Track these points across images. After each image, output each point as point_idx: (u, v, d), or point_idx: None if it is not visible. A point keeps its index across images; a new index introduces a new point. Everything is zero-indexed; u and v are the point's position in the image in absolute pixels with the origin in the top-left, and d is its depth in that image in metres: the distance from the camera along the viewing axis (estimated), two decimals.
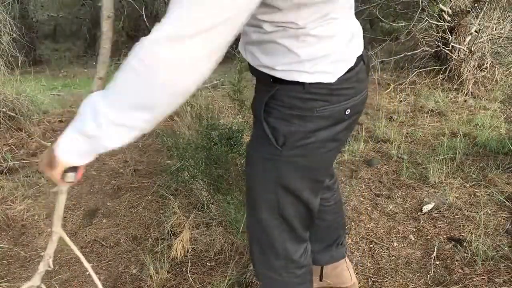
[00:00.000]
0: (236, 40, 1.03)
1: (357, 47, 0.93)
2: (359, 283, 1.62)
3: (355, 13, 0.99)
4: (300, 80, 0.86)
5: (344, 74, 0.88)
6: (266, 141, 0.93)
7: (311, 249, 1.37)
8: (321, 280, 1.49)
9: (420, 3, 4.42)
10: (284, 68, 0.86)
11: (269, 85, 0.91)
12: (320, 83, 0.86)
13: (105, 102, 0.69)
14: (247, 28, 0.88)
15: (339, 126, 0.92)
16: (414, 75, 4.39)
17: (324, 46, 0.85)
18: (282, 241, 1.06)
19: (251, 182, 1.04)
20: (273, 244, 1.06)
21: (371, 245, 1.85)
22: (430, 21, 4.44)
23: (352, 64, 0.90)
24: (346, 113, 0.91)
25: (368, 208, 2.15)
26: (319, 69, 0.85)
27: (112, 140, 0.72)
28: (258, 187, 1.01)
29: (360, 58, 0.93)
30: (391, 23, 5.51)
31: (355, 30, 0.95)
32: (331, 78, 0.87)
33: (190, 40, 0.62)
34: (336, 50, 0.87)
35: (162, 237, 1.95)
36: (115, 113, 0.69)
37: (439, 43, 4.45)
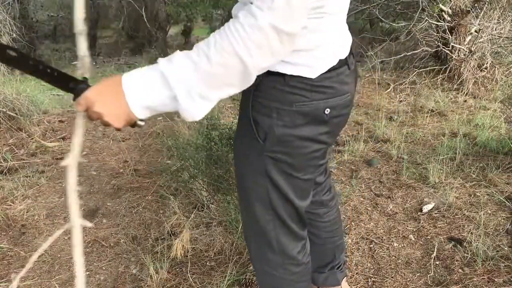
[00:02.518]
0: None
1: (342, 50, 0.94)
2: (359, 283, 1.62)
3: (355, 13, 0.99)
4: (282, 71, 0.87)
5: (325, 72, 0.89)
6: (251, 136, 0.94)
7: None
8: None
9: (420, 3, 4.42)
10: None
11: None
12: (301, 76, 0.87)
13: (199, 77, 0.73)
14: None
15: (320, 127, 0.93)
16: (414, 75, 4.39)
17: (311, 40, 0.86)
18: (276, 235, 1.05)
19: (242, 178, 1.04)
20: (268, 239, 1.06)
21: (371, 245, 1.85)
22: (430, 21, 4.44)
23: (334, 63, 0.91)
24: (326, 112, 0.91)
25: (368, 208, 2.15)
26: (301, 62, 0.87)
27: (198, 112, 0.76)
28: (249, 182, 1.01)
29: (344, 62, 0.94)
30: (391, 23, 5.51)
31: (343, 34, 0.96)
32: (312, 74, 0.88)
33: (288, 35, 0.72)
34: (320, 46, 0.88)
35: (162, 237, 1.95)
36: (207, 89, 0.74)
37: (439, 43, 4.46)
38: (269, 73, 0.87)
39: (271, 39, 0.71)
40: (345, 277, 1.49)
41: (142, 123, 0.81)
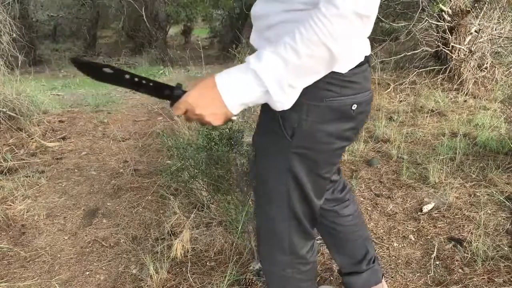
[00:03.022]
0: (236, 40, 1.03)
1: (366, 47, 0.97)
2: None
3: None
4: None
5: (354, 67, 0.90)
6: (276, 132, 0.93)
7: (341, 268, 1.35)
8: None
9: (420, 3, 4.42)
10: None
11: None
12: (332, 71, 0.87)
13: (289, 70, 0.78)
14: (273, 7, 0.88)
15: (346, 123, 0.93)
16: (414, 75, 4.39)
17: None
18: (289, 234, 1.05)
19: (262, 175, 1.03)
20: (279, 239, 1.06)
21: None
22: (430, 21, 4.44)
23: (362, 59, 0.92)
24: (353, 108, 0.92)
25: (368, 208, 2.15)
26: None
27: (288, 102, 0.82)
28: (270, 179, 1.01)
29: (367, 58, 0.96)
30: (391, 23, 5.51)
31: None
32: (343, 69, 0.88)
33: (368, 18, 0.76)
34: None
35: (162, 237, 1.95)
36: (296, 80, 0.79)
37: (439, 43, 4.46)
38: None
39: (354, 25, 0.74)
40: (384, 275, 1.46)
41: (235, 118, 0.88)
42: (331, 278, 1.65)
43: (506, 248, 1.74)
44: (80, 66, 0.86)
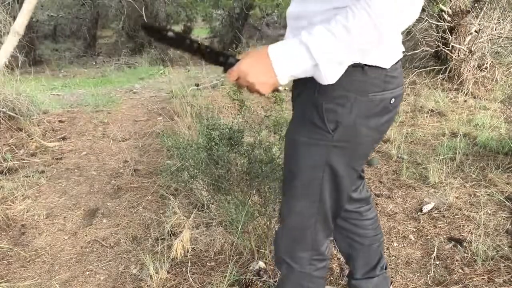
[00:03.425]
0: (236, 40, 1.04)
1: (401, 44, 1.00)
2: None
3: None
4: (362, 62, 0.89)
5: (395, 63, 0.94)
6: (316, 125, 0.94)
7: (353, 275, 1.36)
8: None
9: None
10: None
11: None
12: (377, 67, 0.90)
13: (339, 46, 0.81)
14: (312, 7, 0.90)
15: (384, 117, 0.96)
16: (414, 75, 4.39)
17: None
18: (314, 231, 1.06)
19: (295, 169, 1.02)
20: (305, 235, 1.07)
21: None
22: (430, 21, 4.44)
23: (400, 56, 0.96)
24: (391, 102, 0.95)
25: None
26: (379, 52, 0.90)
27: (335, 76, 0.85)
28: (304, 173, 1.00)
29: (400, 54, 0.99)
30: None
31: None
32: (387, 64, 0.91)
33: None
34: (393, 38, 0.93)
35: (162, 237, 1.95)
36: (344, 56, 0.83)
37: (439, 43, 4.45)
38: None
39: (403, 7, 0.78)
40: (392, 283, 1.45)
41: (282, 89, 0.94)
42: (331, 278, 1.65)
43: (506, 248, 1.74)
44: (147, 30, 0.95)
